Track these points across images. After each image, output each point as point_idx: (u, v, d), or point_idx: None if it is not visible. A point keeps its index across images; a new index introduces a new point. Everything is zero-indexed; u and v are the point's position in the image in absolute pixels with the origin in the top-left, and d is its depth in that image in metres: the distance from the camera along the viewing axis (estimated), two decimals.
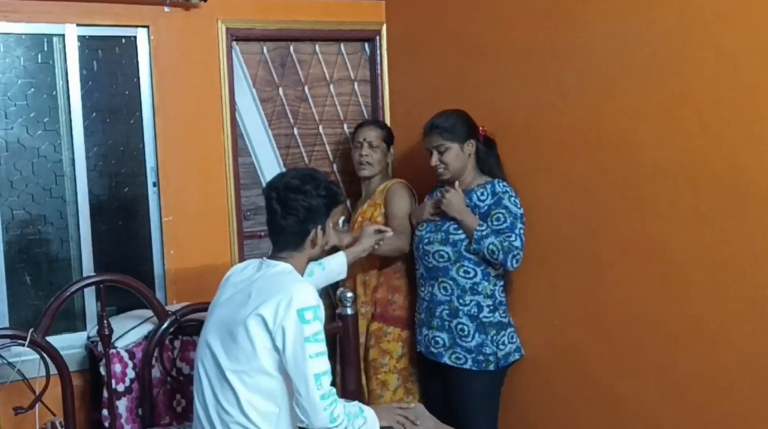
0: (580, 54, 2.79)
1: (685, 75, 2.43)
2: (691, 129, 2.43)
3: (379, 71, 3.90)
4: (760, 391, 2.30)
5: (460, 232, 3.01)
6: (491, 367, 3.02)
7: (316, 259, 2.51)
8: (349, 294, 3.05)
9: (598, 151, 2.76)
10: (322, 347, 2.21)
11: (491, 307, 3.04)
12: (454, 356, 3.04)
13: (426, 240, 3.12)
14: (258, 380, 2.23)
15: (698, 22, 2.38)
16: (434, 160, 3.07)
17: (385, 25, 3.86)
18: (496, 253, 2.91)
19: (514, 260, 2.92)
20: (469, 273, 3.02)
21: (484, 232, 2.93)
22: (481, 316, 3.03)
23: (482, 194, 3.03)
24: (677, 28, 2.44)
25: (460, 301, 3.03)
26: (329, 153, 3.90)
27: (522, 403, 3.17)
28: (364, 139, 3.44)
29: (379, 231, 3.04)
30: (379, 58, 3.89)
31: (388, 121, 3.88)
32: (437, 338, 3.08)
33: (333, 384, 2.25)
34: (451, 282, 3.04)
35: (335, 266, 2.88)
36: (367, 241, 3.00)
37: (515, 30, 3.08)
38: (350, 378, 3.07)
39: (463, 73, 3.37)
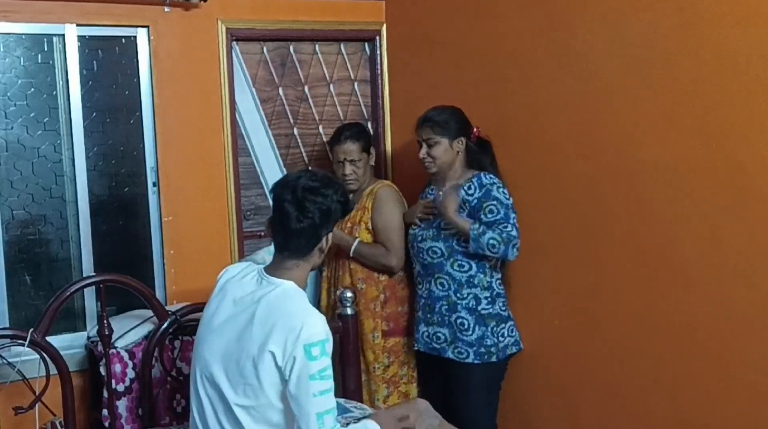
0: (581, 54, 2.79)
1: (685, 75, 2.43)
2: (691, 129, 2.43)
3: (379, 71, 3.89)
4: (758, 390, 2.31)
5: (451, 227, 3.03)
6: (493, 359, 3.05)
7: (315, 268, 2.37)
8: (349, 294, 3.05)
9: (598, 151, 2.76)
10: (328, 384, 2.09)
11: (489, 299, 3.06)
12: (456, 351, 3.06)
13: (419, 237, 3.15)
14: (267, 414, 2.15)
15: (698, 22, 2.38)
16: (422, 152, 3.10)
17: (385, 25, 3.86)
18: (497, 246, 2.93)
19: (515, 249, 2.96)
20: (463, 266, 3.04)
21: (480, 230, 2.94)
22: (479, 308, 3.04)
23: (469, 188, 3.05)
24: (677, 28, 2.45)
25: (458, 295, 3.05)
26: (329, 153, 3.89)
27: (521, 397, 3.18)
28: (345, 158, 3.34)
29: None
30: (379, 58, 3.88)
31: (387, 121, 3.88)
32: (438, 334, 3.10)
33: (335, 387, 2.18)
34: (446, 277, 3.07)
35: None
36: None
37: (515, 30, 3.09)
38: (350, 378, 3.07)
39: (462, 73, 3.37)
